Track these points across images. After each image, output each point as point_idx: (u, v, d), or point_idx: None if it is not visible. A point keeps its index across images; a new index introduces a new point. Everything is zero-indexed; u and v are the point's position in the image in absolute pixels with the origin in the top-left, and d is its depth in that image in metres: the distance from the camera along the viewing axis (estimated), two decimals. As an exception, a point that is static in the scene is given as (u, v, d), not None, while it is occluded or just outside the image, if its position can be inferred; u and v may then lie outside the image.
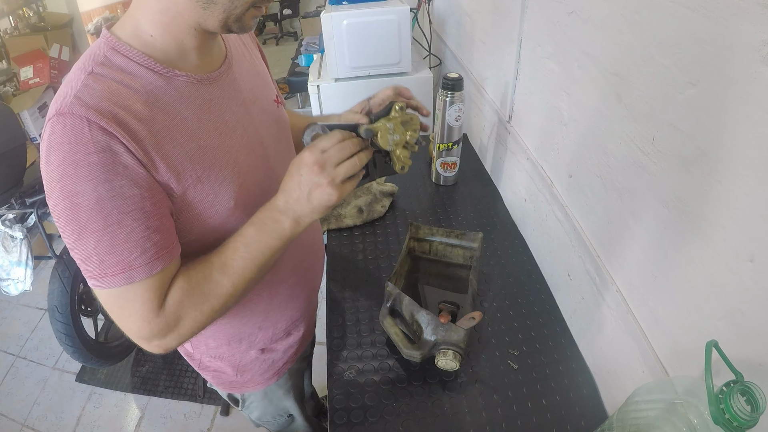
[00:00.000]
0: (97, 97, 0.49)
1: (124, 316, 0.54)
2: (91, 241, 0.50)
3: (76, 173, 0.47)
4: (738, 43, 0.45)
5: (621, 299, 0.71)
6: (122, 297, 0.53)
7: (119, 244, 0.50)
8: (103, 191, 0.48)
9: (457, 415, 0.74)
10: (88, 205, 0.48)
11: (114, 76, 0.52)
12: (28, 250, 1.64)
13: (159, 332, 0.55)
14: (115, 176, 0.49)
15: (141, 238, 0.51)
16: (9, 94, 2.79)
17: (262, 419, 0.98)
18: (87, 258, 0.51)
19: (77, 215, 0.49)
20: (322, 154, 0.57)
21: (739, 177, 0.48)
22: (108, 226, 0.49)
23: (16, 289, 1.66)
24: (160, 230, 0.53)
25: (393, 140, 0.64)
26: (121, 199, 0.49)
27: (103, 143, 0.48)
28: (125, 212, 0.50)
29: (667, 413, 0.48)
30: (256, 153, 0.66)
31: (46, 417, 1.73)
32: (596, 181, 0.77)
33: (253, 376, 0.85)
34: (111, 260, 0.51)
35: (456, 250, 0.96)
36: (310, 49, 2.43)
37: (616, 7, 0.66)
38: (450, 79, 1.11)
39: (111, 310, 0.55)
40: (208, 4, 0.52)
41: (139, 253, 0.51)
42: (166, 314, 0.55)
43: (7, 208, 1.59)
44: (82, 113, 0.47)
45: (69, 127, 0.47)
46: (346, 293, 0.97)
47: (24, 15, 3.33)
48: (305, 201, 0.57)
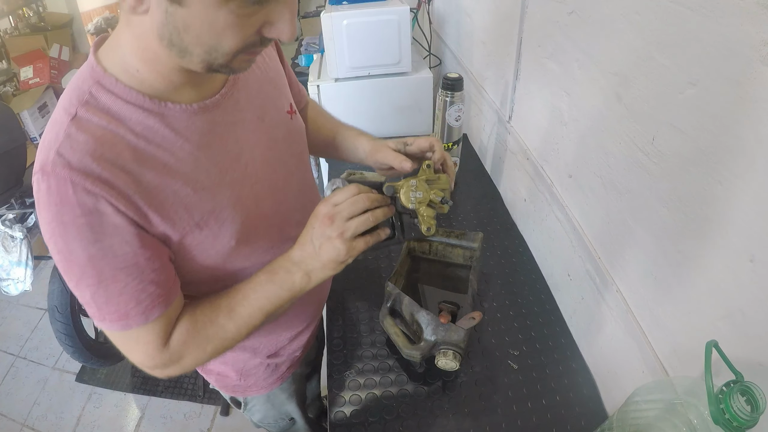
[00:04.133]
0: (80, 152, 0.46)
1: (127, 351, 0.56)
2: (88, 292, 0.50)
3: (66, 233, 0.47)
4: (738, 43, 0.45)
5: (621, 299, 0.71)
6: (123, 337, 0.54)
7: (114, 297, 0.50)
8: (93, 251, 0.48)
9: (457, 415, 0.74)
10: (80, 263, 0.48)
11: (99, 121, 0.48)
12: (28, 250, 1.64)
13: (162, 365, 0.56)
14: (104, 236, 0.48)
15: (135, 291, 0.51)
16: (9, 94, 2.79)
17: (263, 422, 0.98)
18: (86, 303, 0.51)
19: (72, 269, 0.49)
20: (334, 207, 0.56)
21: (739, 177, 0.48)
22: (102, 282, 0.49)
23: (16, 289, 1.66)
24: (155, 281, 0.52)
25: (415, 197, 0.61)
26: (112, 257, 0.49)
27: (90, 205, 0.46)
28: (118, 269, 0.49)
29: (667, 413, 0.48)
30: (261, 180, 0.61)
31: (46, 417, 1.73)
32: (596, 181, 0.77)
33: (256, 381, 0.84)
34: (108, 309, 0.51)
35: (456, 250, 0.96)
36: (310, 49, 2.43)
37: (616, 7, 0.66)
38: (450, 79, 1.11)
39: (116, 344, 0.56)
40: (184, 53, 0.46)
41: (135, 305, 0.51)
42: (169, 352, 0.56)
43: (7, 208, 1.59)
44: (66, 175, 0.45)
45: (54, 188, 0.45)
46: (346, 293, 0.97)
47: (24, 15, 3.33)
48: (316, 255, 0.57)
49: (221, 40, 0.44)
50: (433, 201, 0.62)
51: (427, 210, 0.62)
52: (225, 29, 0.43)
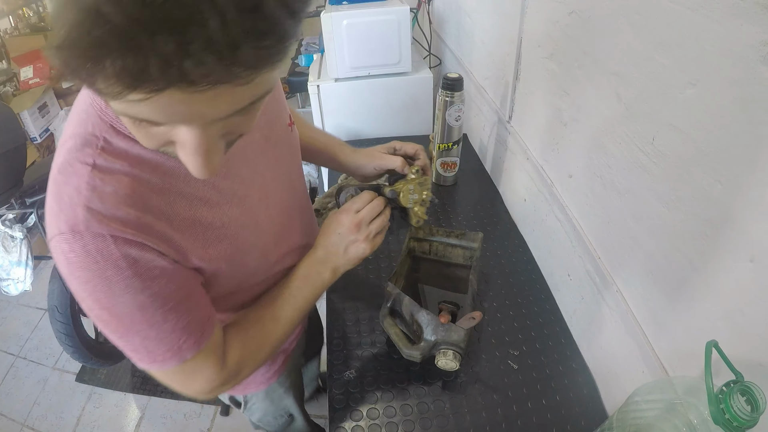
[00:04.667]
0: (111, 203, 0.43)
1: (187, 383, 0.55)
2: (137, 339, 0.49)
3: (111, 289, 0.44)
4: (738, 43, 0.45)
5: (621, 299, 0.71)
6: (181, 371, 0.53)
7: (166, 336, 0.50)
8: (143, 298, 0.46)
9: (457, 415, 0.74)
10: (129, 312, 0.46)
11: (120, 166, 0.44)
12: (28, 250, 1.64)
13: (222, 384, 0.58)
14: (152, 282, 0.46)
15: (185, 324, 0.51)
16: (9, 94, 2.79)
17: (263, 421, 0.99)
18: (134, 350, 0.50)
19: (119, 321, 0.47)
20: (357, 215, 0.65)
21: (739, 177, 0.48)
22: (153, 325, 0.48)
23: (16, 289, 1.66)
24: (199, 309, 0.53)
25: (413, 199, 0.75)
26: (161, 300, 0.48)
27: (134, 255, 0.44)
28: (167, 309, 0.49)
29: (667, 413, 0.48)
30: (273, 200, 0.63)
31: (46, 417, 1.73)
32: (596, 181, 0.77)
33: (255, 377, 0.85)
34: (160, 350, 0.50)
35: (456, 250, 0.96)
36: (310, 49, 2.43)
37: (616, 7, 0.66)
38: (450, 79, 1.11)
39: (170, 383, 0.55)
40: None
41: (186, 338, 0.51)
42: (227, 370, 0.57)
43: (7, 208, 1.59)
44: (103, 230, 0.42)
45: (92, 247, 0.42)
46: (346, 293, 0.97)
47: (24, 15, 3.33)
48: (342, 254, 0.66)
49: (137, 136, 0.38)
50: (425, 200, 0.76)
51: (420, 208, 0.76)
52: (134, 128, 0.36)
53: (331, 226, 0.67)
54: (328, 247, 0.66)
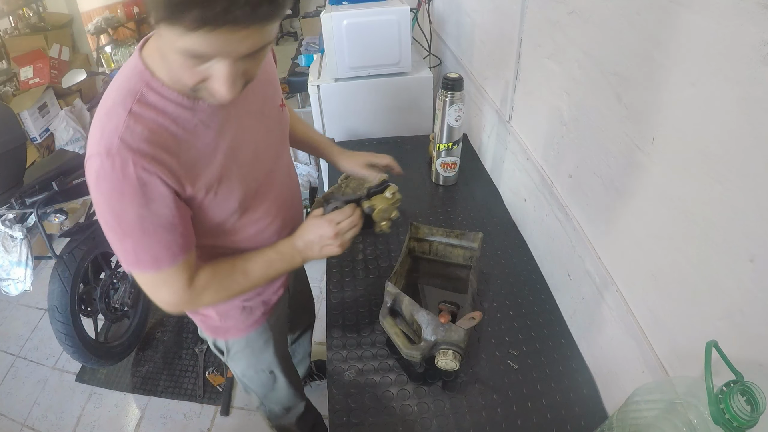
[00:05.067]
0: (138, 139, 0.59)
1: (154, 290, 0.70)
2: (131, 243, 0.64)
3: (122, 199, 0.60)
4: (738, 43, 0.45)
5: (621, 299, 0.71)
6: (155, 279, 0.69)
7: (152, 246, 0.65)
8: (143, 212, 0.61)
9: (457, 415, 0.74)
10: (130, 221, 0.62)
11: (150, 114, 0.61)
12: (28, 250, 1.64)
13: (183, 302, 0.72)
14: (152, 202, 0.62)
15: (168, 241, 0.66)
16: (9, 94, 2.79)
17: (246, 375, 1.04)
18: (126, 252, 0.65)
19: (121, 226, 0.62)
20: (337, 226, 0.79)
21: (739, 177, 0.48)
22: (145, 235, 0.63)
23: (16, 289, 1.66)
24: (183, 235, 0.67)
25: (383, 216, 0.87)
26: (156, 216, 0.63)
27: (145, 178, 0.60)
28: (159, 226, 0.64)
29: (667, 413, 0.48)
30: (259, 162, 0.77)
31: (46, 417, 1.73)
32: (596, 181, 0.77)
33: (235, 323, 0.93)
34: (144, 256, 0.65)
35: (456, 250, 0.96)
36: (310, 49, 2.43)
37: (616, 7, 0.66)
38: (450, 79, 1.11)
39: (145, 287, 0.70)
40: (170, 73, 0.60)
41: (166, 251, 0.66)
42: (192, 291, 0.71)
43: (7, 208, 1.59)
44: (128, 156, 0.58)
45: (118, 166, 0.58)
46: (346, 293, 0.97)
47: (24, 15, 3.33)
48: (317, 251, 0.81)
49: (179, 76, 0.56)
50: (392, 218, 0.89)
51: (386, 223, 0.88)
52: (179, 68, 0.55)
53: (312, 228, 0.81)
54: (306, 242, 0.80)
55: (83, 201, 1.94)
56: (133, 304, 1.88)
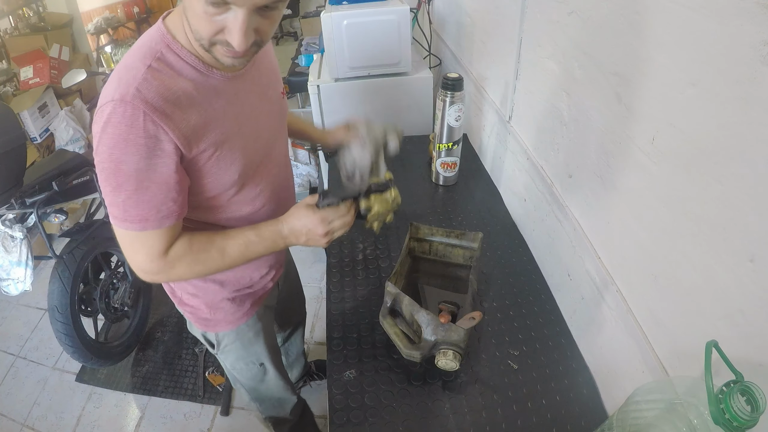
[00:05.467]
0: (152, 92, 0.61)
1: (133, 251, 0.70)
2: (123, 195, 0.64)
3: (126, 147, 0.61)
4: (738, 43, 0.45)
5: (621, 299, 0.71)
6: (136, 239, 0.68)
7: (143, 203, 0.65)
8: (142, 165, 0.62)
9: (457, 415, 0.74)
10: (128, 171, 0.62)
11: (167, 72, 0.64)
12: (28, 250, 1.64)
13: (156, 270, 0.71)
14: (154, 156, 0.62)
15: (160, 202, 0.66)
16: (9, 94, 2.79)
17: (236, 367, 1.04)
18: (116, 205, 0.65)
19: (117, 176, 0.62)
20: (329, 225, 0.77)
21: (739, 177, 0.48)
22: (138, 189, 0.63)
23: (16, 289, 1.66)
24: (176, 200, 0.67)
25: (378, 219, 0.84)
26: (153, 172, 0.63)
27: (152, 131, 0.61)
28: (154, 182, 0.64)
29: (667, 413, 0.48)
30: (260, 140, 0.79)
31: (46, 417, 1.73)
32: (596, 181, 0.77)
33: (225, 316, 0.93)
34: (133, 212, 0.65)
35: (456, 250, 0.96)
36: (310, 49, 2.43)
37: (616, 7, 0.66)
38: (450, 79, 1.11)
39: (124, 246, 0.70)
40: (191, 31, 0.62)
41: (155, 212, 0.66)
42: (166, 260, 0.71)
43: (7, 208, 1.59)
44: (141, 106, 0.60)
45: (129, 114, 0.59)
46: (346, 293, 0.97)
47: (24, 15, 3.32)
48: (302, 241, 0.79)
49: (198, 27, 0.59)
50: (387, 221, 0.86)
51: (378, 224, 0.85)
52: (199, 19, 0.58)
53: (302, 219, 0.78)
54: (292, 230, 0.78)
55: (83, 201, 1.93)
56: (133, 304, 1.88)
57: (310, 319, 1.93)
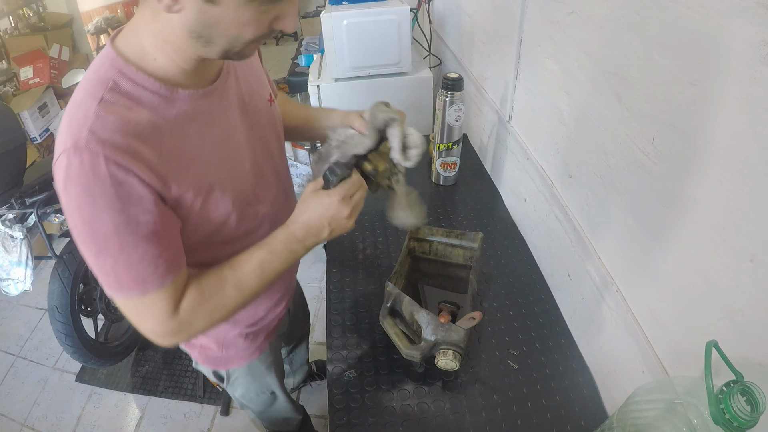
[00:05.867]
0: (110, 129, 0.51)
1: (140, 319, 0.60)
2: (109, 261, 0.55)
3: (95, 204, 0.51)
4: (738, 43, 0.45)
5: (621, 299, 0.71)
6: (140, 305, 0.59)
7: (134, 264, 0.55)
8: (120, 220, 0.53)
9: (457, 415, 0.74)
10: (105, 231, 0.53)
11: (124, 103, 0.54)
12: (28, 250, 1.64)
13: (171, 332, 0.61)
14: (130, 206, 0.53)
15: (153, 257, 0.56)
16: (9, 94, 2.79)
17: (245, 397, 1.00)
18: (105, 273, 0.56)
19: (96, 239, 0.53)
20: (352, 200, 0.67)
21: (739, 177, 0.48)
22: (124, 249, 0.54)
23: (16, 289, 1.66)
24: (170, 248, 0.58)
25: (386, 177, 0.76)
26: (135, 225, 0.54)
27: (119, 177, 0.51)
28: (140, 236, 0.54)
29: (667, 413, 0.48)
30: (249, 157, 0.70)
31: (46, 417, 1.73)
32: (596, 181, 0.77)
33: (237, 352, 0.87)
34: (126, 276, 0.56)
35: (456, 250, 0.96)
36: (310, 49, 2.43)
37: (616, 7, 0.66)
38: (450, 79, 1.11)
39: (128, 314, 0.60)
40: (208, 43, 0.54)
41: (152, 270, 0.56)
42: (179, 318, 0.61)
43: (7, 208, 1.59)
44: (99, 150, 0.50)
45: (86, 163, 0.50)
46: (346, 293, 0.97)
47: (24, 15, 3.32)
48: (326, 236, 0.67)
49: (243, 32, 0.53)
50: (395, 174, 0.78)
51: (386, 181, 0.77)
52: (247, 23, 0.52)
53: (317, 211, 0.66)
54: (310, 228, 0.66)
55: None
56: (133, 304, 1.87)
57: (310, 319, 1.93)
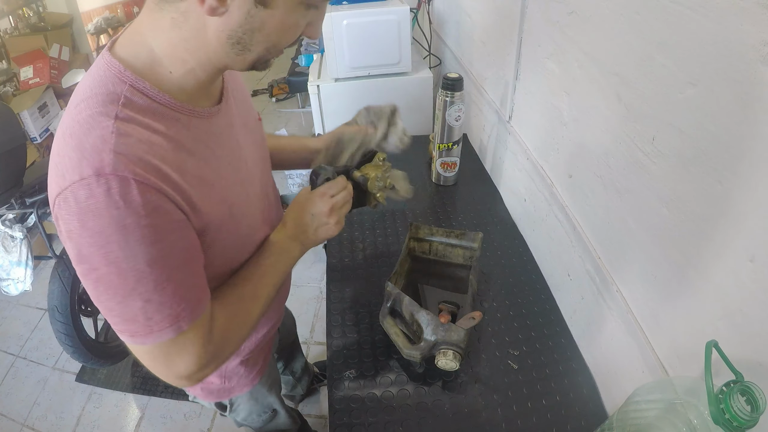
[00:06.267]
0: (135, 149, 0.45)
1: (169, 365, 0.54)
2: (138, 303, 0.48)
3: (125, 239, 0.44)
4: (738, 43, 0.45)
5: (621, 299, 0.71)
6: (170, 347, 0.52)
7: (167, 300, 0.49)
8: (155, 252, 0.46)
9: (457, 415, 0.74)
10: (138, 269, 0.46)
11: (140, 121, 0.48)
12: (28, 250, 1.64)
13: (206, 364, 0.57)
14: (166, 235, 0.47)
15: (185, 287, 0.51)
16: (9, 94, 2.79)
17: (247, 420, 0.99)
18: (129, 320, 0.49)
19: (125, 281, 0.46)
20: (332, 199, 0.70)
21: (739, 177, 0.48)
22: (158, 286, 0.48)
23: (16, 289, 1.66)
24: (199, 274, 0.54)
25: (378, 186, 0.80)
26: (170, 257, 0.48)
27: (154, 203, 0.45)
28: (173, 268, 0.49)
29: (667, 413, 0.48)
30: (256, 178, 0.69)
31: (46, 417, 1.73)
32: (596, 181, 0.77)
33: (239, 380, 0.85)
34: (158, 317, 0.49)
35: (456, 250, 0.96)
36: (310, 49, 2.43)
37: (616, 7, 0.66)
38: (450, 79, 1.11)
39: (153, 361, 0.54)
40: (244, 49, 0.50)
41: (185, 304, 0.51)
42: (214, 344, 0.56)
43: (7, 208, 1.59)
44: (128, 174, 0.44)
45: (115, 191, 0.43)
46: (346, 293, 0.97)
47: (24, 15, 3.32)
48: (312, 234, 0.70)
49: (283, 37, 0.52)
50: (387, 186, 0.82)
51: (382, 193, 0.81)
52: (290, 28, 0.51)
53: (304, 206, 0.69)
54: (299, 225, 0.69)
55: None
56: (133, 304, 1.87)
57: (310, 318, 1.93)
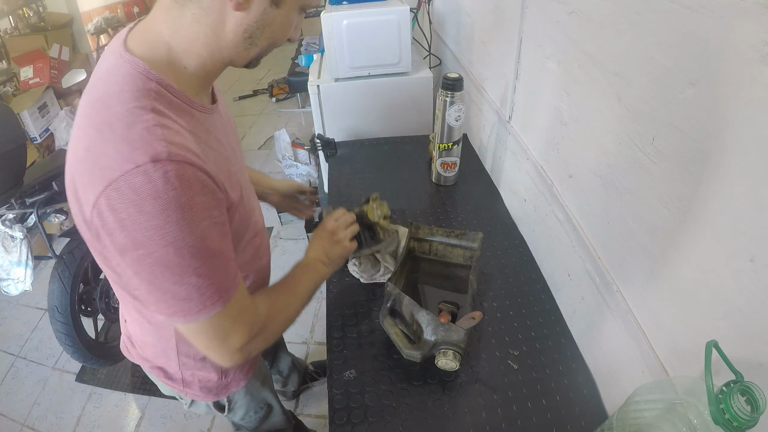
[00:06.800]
0: (178, 138, 0.50)
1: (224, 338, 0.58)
2: (194, 279, 0.51)
3: (183, 216, 0.48)
4: (738, 43, 0.45)
5: (621, 299, 0.71)
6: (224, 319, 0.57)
7: (217, 273, 0.54)
8: (204, 227, 0.51)
9: (457, 415, 0.74)
10: (192, 245, 0.50)
11: (169, 114, 0.52)
12: (28, 250, 1.64)
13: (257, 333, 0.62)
14: (212, 210, 0.53)
15: (228, 260, 0.56)
16: (9, 94, 2.79)
17: (245, 418, 1.00)
18: (183, 299, 0.52)
19: (181, 258, 0.50)
20: (334, 222, 0.84)
21: (738, 177, 0.48)
22: (208, 259, 0.52)
23: (16, 289, 1.66)
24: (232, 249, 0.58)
25: (377, 215, 0.91)
26: (216, 228, 0.53)
27: (204, 182, 0.51)
28: (219, 241, 0.54)
29: (667, 413, 0.48)
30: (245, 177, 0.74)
31: (46, 417, 1.73)
32: (596, 181, 0.77)
33: (235, 374, 0.87)
34: (210, 292, 0.54)
35: (456, 250, 0.96)
36: (310, 49, 2.44)
37: (616, 7, 0.66)
38: (450, 79, 1.11)
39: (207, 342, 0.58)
40: (252, 44, 0.56)
41: (229, 276, 0.56)
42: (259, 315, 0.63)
43: (7, 208, 1.59)
44: (182, 158, 0.48)
45: (172, 173, 0.47)
46: (346, 293, 0.97)
47: (24, 15, 3.32)
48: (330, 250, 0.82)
49: (282, 35, 0.58)
50: (387, 215, 0.92)
51: (384, 222, 0.91)
52: (287, 28, 0.58)
53: (317, 233, 0.84)
54: (318, 247, 0.82)
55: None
56: (133, 304, 1.87)
57: (309, 318, 1.93)
